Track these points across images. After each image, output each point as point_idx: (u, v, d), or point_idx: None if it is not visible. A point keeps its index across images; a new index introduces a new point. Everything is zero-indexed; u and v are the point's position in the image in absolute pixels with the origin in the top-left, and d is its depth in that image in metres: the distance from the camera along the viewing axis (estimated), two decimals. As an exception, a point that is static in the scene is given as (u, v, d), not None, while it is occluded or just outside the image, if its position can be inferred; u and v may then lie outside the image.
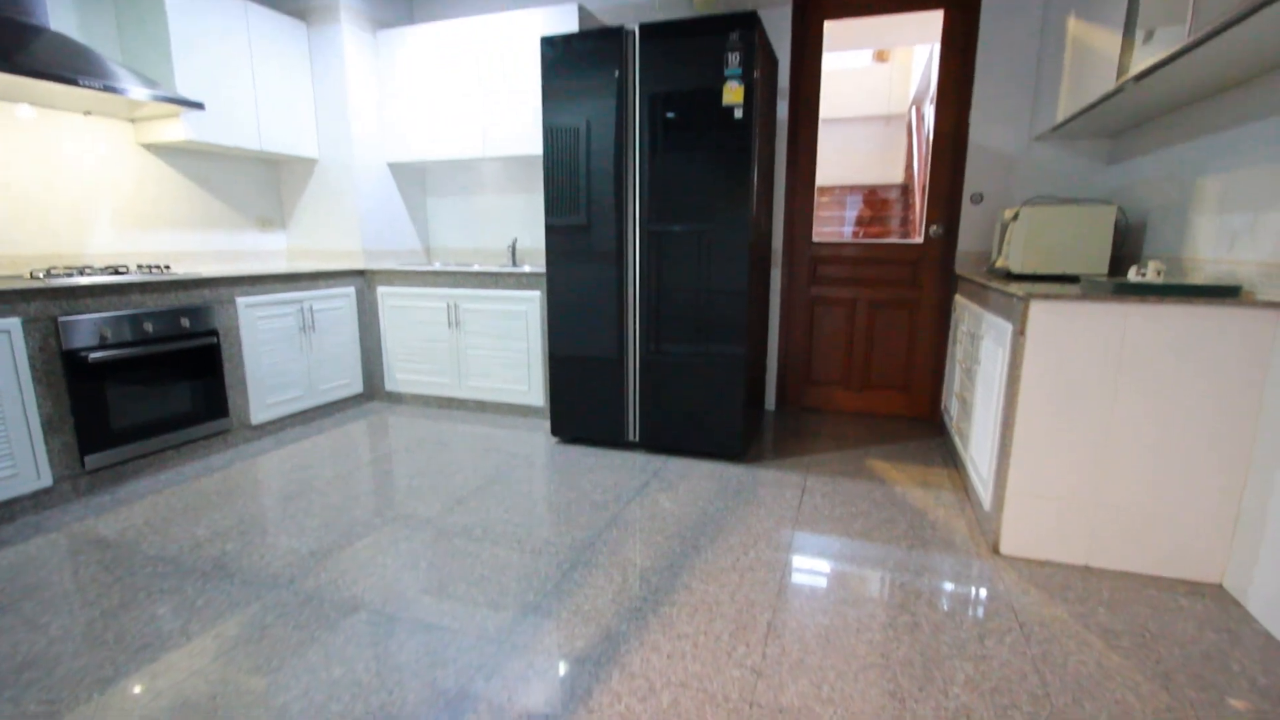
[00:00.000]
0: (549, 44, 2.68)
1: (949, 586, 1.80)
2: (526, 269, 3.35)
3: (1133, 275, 1.98)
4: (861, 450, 2.95)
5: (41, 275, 2.48)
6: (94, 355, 2.39)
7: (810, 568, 1.91)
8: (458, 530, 2.14)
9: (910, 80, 7.29)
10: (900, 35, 4.93)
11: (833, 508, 2.32)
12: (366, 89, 3.59)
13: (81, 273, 2.61)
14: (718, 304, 2.64)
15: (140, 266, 2.89)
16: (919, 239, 3.32)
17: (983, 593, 1.77)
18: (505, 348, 3.42)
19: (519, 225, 3.92)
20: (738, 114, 2.43)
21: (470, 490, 2.48)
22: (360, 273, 3.64)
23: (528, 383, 3.41)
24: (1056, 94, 2.58)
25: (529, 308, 3.31)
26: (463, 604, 1.70)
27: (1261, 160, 1.76)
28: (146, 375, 2.60)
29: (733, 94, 2.41)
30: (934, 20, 3.16)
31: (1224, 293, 1.69)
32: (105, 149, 2.91)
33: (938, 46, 3.16)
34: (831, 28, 3.26)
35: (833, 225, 7.07)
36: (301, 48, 3.47)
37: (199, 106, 2.81)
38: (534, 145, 3.38)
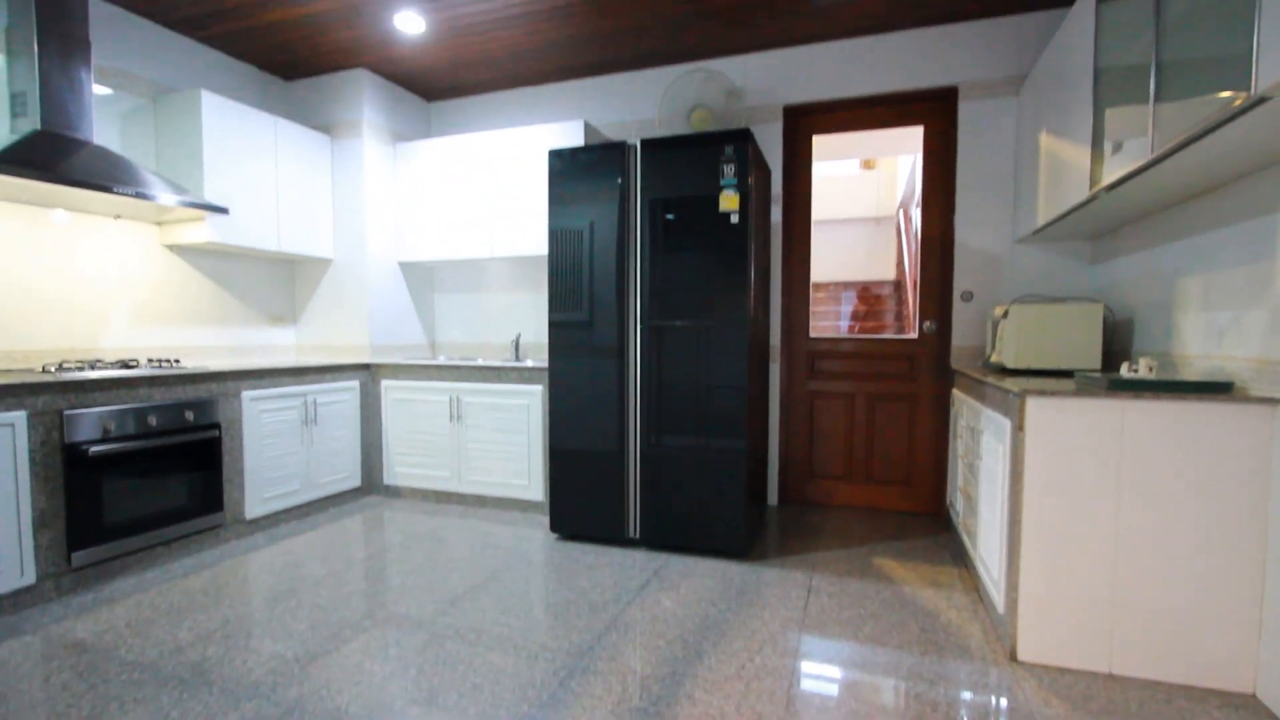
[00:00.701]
0: (556, 155, 2.87)
1: (966, 696, 1.70)
2: (529, 364, 3.40)
3: (1125, 371, 2.01)
4: (867, 547, 2.88)
5: (53, 369, 2.53)
6: (95, 449, 2.39)
7: (819, 675, 1.81)
8: (451, 633, 2.05)
9: (897, 185, 7.71)
10: (885, 147, 5.27)
11: (840, 609, 2.24)
12: (383, 195, 3.80)
13: (93, 366, 2.66)
14: (718, 398, 2.67)
15: (151, 360, 2.95)
16: (914, 334, 3.39)
17: (1003, 703, 1.67)
18: (506, 441, 3.41)
19: (523, 321, 4.02)
20: (734, 219, 2.57)
21: (465, 590, 2.40)
22: (366, 367, 3.69)
23: (528, 476, 3.38)
24: (1035, 200, 2.73)
25: (531, 401, 3.33)
26: (453, 716, 1.61)
27: (1237, 262, 1.84)
28: (145, 468, 2.58)
29: (729, 201, 2.56)
30: (915, 134, 3.40)
31: (1217, 389, 1.72)
32: (131, 251, 3.05)
33: (920, 157, 3.37)
34: (820, 141, 3.49)
35: (829, 320, 7.23)
36: (324, 157, 3.70)
37: (224, 211, 2.96)
38: (539, 246, 3.53)
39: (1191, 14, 1.51)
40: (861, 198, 7.96)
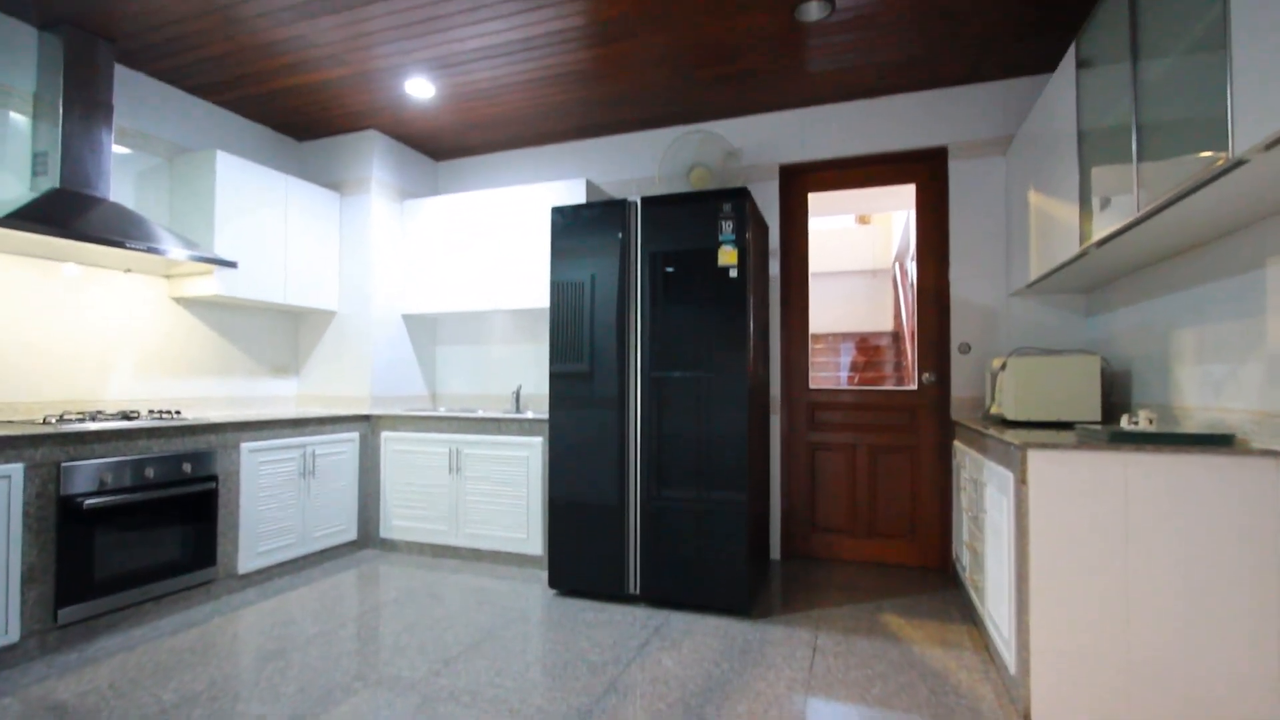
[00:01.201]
0: (559, 212, 2.95)
1: (981, 765, 1.63)
2: (529, 415, 3.40)
3: (1125, 424, 2.01)
4: (873, 604, 2.81)
5: (54, 420, 2.53)
6: (89, 501, 2.36)
7: (827, 742, 1.74)
8: (445, 695, 1.98)
9: (892, 239, 7.86)
10: (878, 204, 5.41)
11: (847, 670, 2.17)
12: (389, 249, 3.88)
13: (94, 417, 2.66)
14: (719, 450, 2.66)
15: (152, 412, 2.95)
16: (913, 386, 3.40)
17: (1019, 773, 1.60)
18: (505, 494, 3.38)
19: (524, 373, 4.04)
20: (732, 273, 2.62)
21: (461, 649, 2.33)
22: (366, 418, 3.69)
23: (526, 530, 3.33)
24: (1027, 255, 2.79)
25: (530, 454, 3.32)
26: (445, 785, 1.54)
27: (1228, 316, 1.87)
28: (139, 521, 2.55)
29: (727, 256, 2.62)
30: (908, 191, 3.50)
31: (1218, 441, 1.72)
32: (139, 303, 3.09)
33: (913, 213, 3.46)
34: (815, 198, 3.59)
35: (829, 371, 7.25)
36: (333, 213, 3.80)
37: (232, 265, 3.02)
38: (541, 299, 3.58)
39: (1167, 80, 1.58)
40: (858, 251, 8.11)
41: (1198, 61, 1.43)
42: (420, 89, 3.25)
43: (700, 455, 2.68)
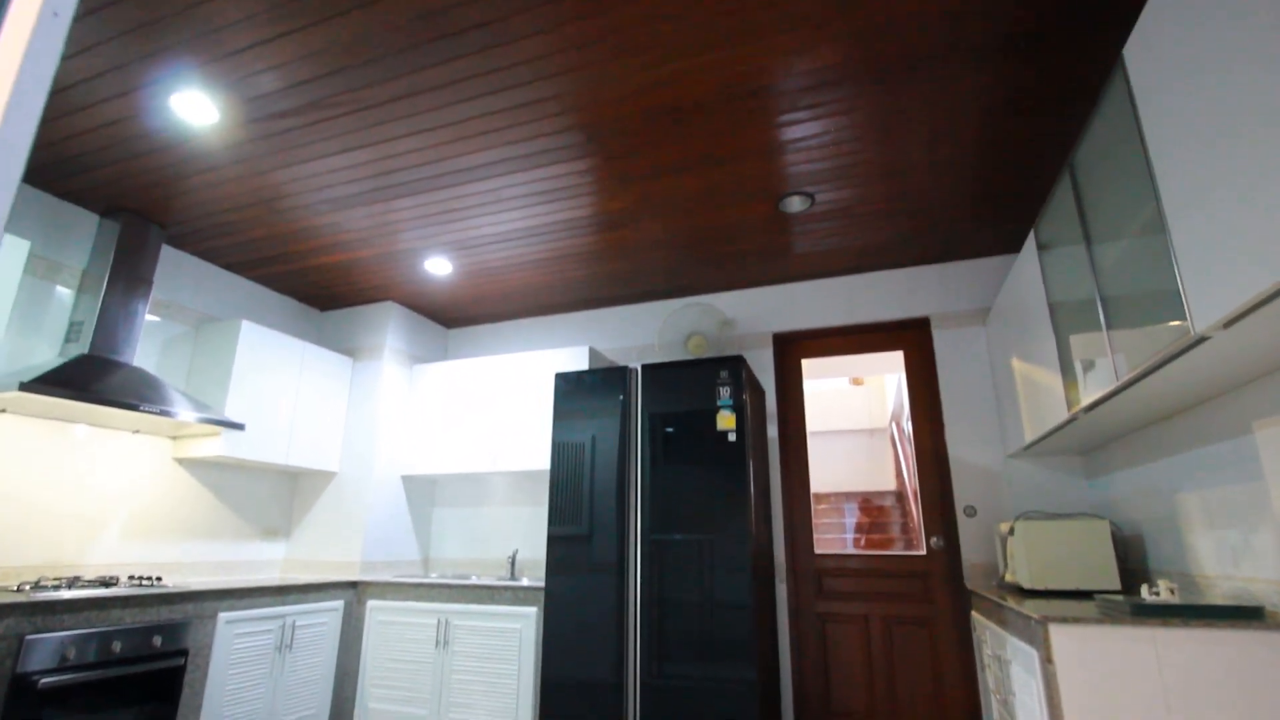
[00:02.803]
0: (562, 378, 3.07)
1: None
2: (525, 582, 3.26)
3: (1146, 594, 1.93)
4: (905, 810, 2.48)
5: (29, 587, 2.42)
6: (45, 680, 2.19)
7: None
8: None
9: (886, 399, 8.03)
10: (871, 367, 5.63)
11: None
12: (395, 412, 3.97)
13: (71, 584, 2.55)
14: (723, 620, 2.52)
15: (132, 578, 2.83)
16: (922, 551, 3.29)
17: None
18: (494, 672, 3.12)
19: (521, 536, 3.93)
20: (731, 437, 2.67)
21: None
22: (353, 585, 3.52)
23: (515, 714, 3.03)
24: (1019, 418, 2.85)
25: (524, 625, 3.12)
26: None
27: (1230, 480, 1.88)
28: (94, 702, 2.34)
29: (725, 421, 2.68)
30: (897, 357, 3.66)
31: (1248, 614, 1.64)
32: (140, 464, 3.10)
33: (904, 377, 3.59)
34: (808, 363, 3.75)
35: (834, 533, 7.03)
36: (345, 377, 3.94)
37: (240, 427, 3.07)
38: (541, 461, 3.59)
39: (1122, 260, 1.72)
40: (854, 411, 8.24)
41: (1147, 243, 1.56)
42: (438, 267, 3.54)
43: (704, 627, 2.53)
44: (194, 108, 2.29)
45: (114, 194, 2.84)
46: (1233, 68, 1.21)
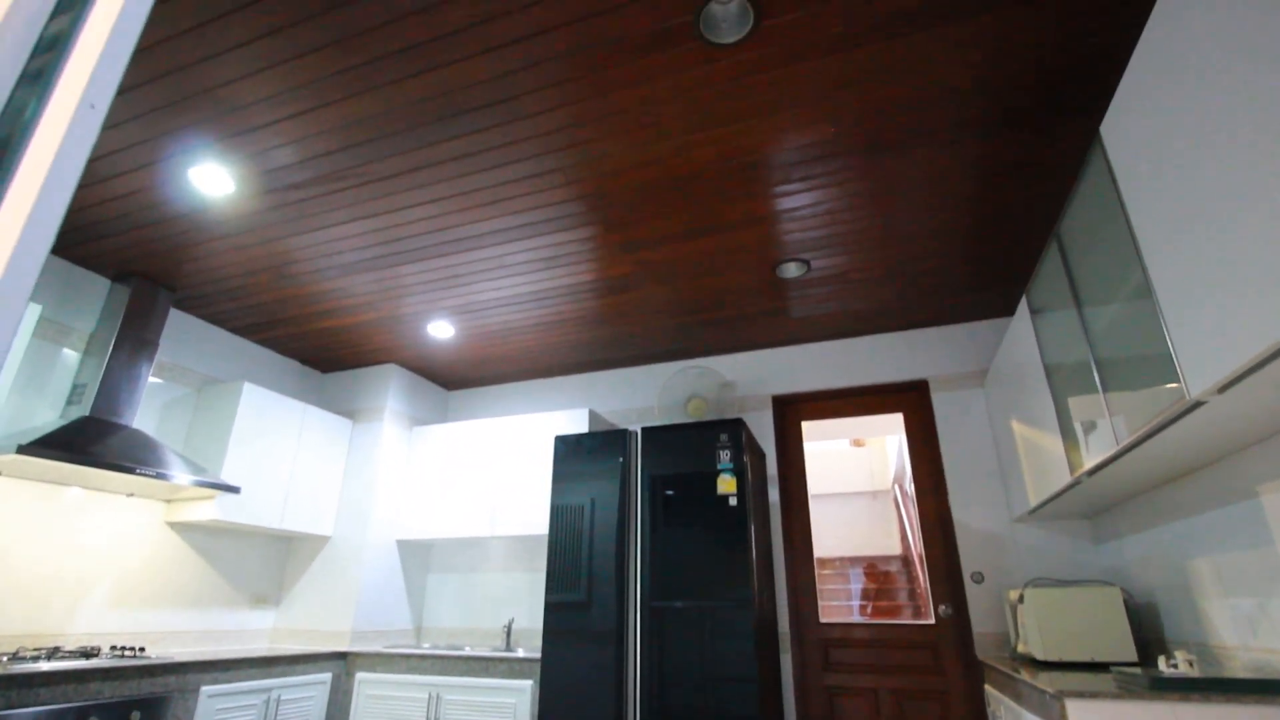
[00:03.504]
0: (562, 441, 3.06)
1: None
2: (520, 654, 3.14)
3: (1164, 667, 1.87)
4: None
5: (6, 658, 2.34)
6: (18, 762, 2.08)
7: None
8: None
9: (888, 461, 7.95)
10: (872, 429, 5.61)
11: None
12: (393, 475, 3.93)
13: (51, 655, 2.46)
14: (727, 695, 2.42)
15: (115, 648, 2.73)
16: (930, 619, 3.20)
17: None
18: (487, 752, 2.97)
19: (518, 604, 3.82)
20: (732, 501, 2.64)
21: None
22: (342, 656, 3.40)
23: (508, 801, 2.87)
24: (1023, 482, 2.82)
25: (519, 700, 2.99)
26: None
27: (1240, 546, 1.85)
28: (65, 790, 2.22)
29: (726, 485, 2.66)
30: (897, 419, 3.65)
31: (1271, 688, 1.58)
32: (131, 529, 3.05)
33: (904, 439, 3.58)
34: (808, 425, 3.74)
35: (839, 600, 6.83)
36: (344, 439, 3.92)
37: (235, 490, 3.04)
38: (539, 526, 3.53)
39: (1114, 324, 1.75)
40: (856, 472, 8.15)
41: (1137, 308, 1.57)
42: (441, 330, 3.58)
43: (707, 701, 2.43)
44: (211, 179, 2.38)
45: (126, 259, 2.91)
46: (1208, 143, 1.26)
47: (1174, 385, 1.43)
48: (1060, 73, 1.89)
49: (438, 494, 3.86)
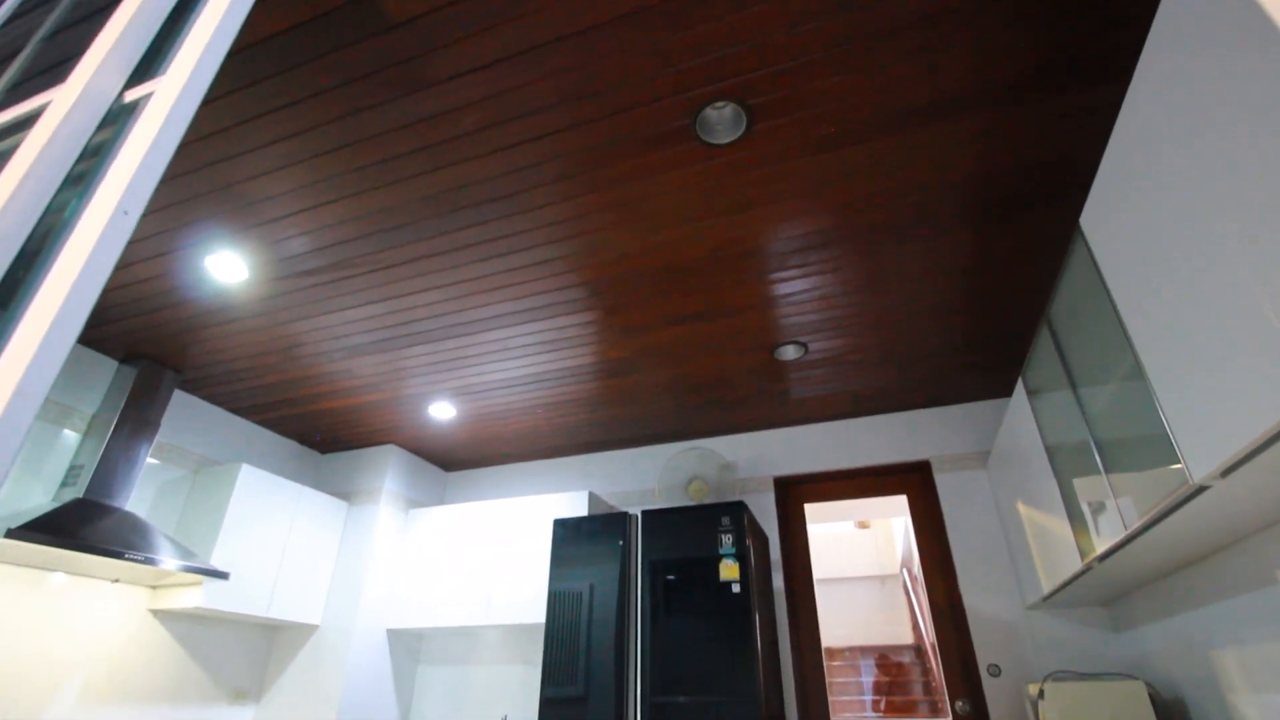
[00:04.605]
0: (561, 524, 3.00)
1: None
2: (514, 755, 2.95)
3: (1198, 771, 1.76)
4: None
5: (-33, 766, 2.20)
6: None
7: None
8: None
9: (895, 542, 7.75)
10: (876, 510, 5.51)
11: None
12: (387, 560, 3.82)
13: (13, 762, 2.31)
14: (735, 806, 2.25)
15: (81, 753, 2.57)
16: (949, 717, 3.02)
17: None
18: None
19: (511, 699, 3.62)
20: (735, 588, 2.56)
21: None
22: (324, 759, 3.19)
23: None
24: (1033, 568, 2.75)
25: (511, 810, 2.79)
26: None
27: (1265, 636, 1.77)
28: None
29: (729, 571, 2.59)
30: (902, 500, 3.60)
31: (1310, 796, 1.49)
32: (112, 615, 2.94)
33: (909, 521, 3.51)
34: (811, 507, 3.68)
35: (851, 694, 6.47)
36: (338, 522, 3.84)
37: (224, 577, 2.95)
38: (536, 614, 3.40)
39: (1111, 406, 1.75)
40: (862, 555, 7.92)
41: (1132, 389, 1.56)
42: (442, 411, 3.59)
43: (714, 814, 2.27)
44: (226, 267, 2.46)
45: (135, 341, 2.95)
46: (1185, 232, 1.31)
47: (1177, 466, 1.41)
48: (1043, 166, 2.00)
49: (432, 580, 3.74)
